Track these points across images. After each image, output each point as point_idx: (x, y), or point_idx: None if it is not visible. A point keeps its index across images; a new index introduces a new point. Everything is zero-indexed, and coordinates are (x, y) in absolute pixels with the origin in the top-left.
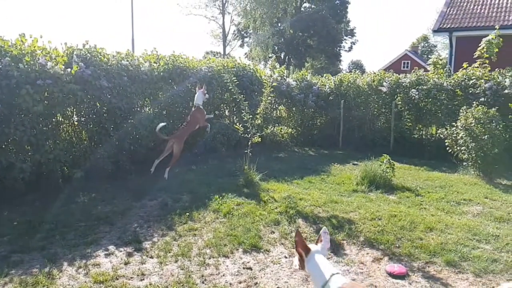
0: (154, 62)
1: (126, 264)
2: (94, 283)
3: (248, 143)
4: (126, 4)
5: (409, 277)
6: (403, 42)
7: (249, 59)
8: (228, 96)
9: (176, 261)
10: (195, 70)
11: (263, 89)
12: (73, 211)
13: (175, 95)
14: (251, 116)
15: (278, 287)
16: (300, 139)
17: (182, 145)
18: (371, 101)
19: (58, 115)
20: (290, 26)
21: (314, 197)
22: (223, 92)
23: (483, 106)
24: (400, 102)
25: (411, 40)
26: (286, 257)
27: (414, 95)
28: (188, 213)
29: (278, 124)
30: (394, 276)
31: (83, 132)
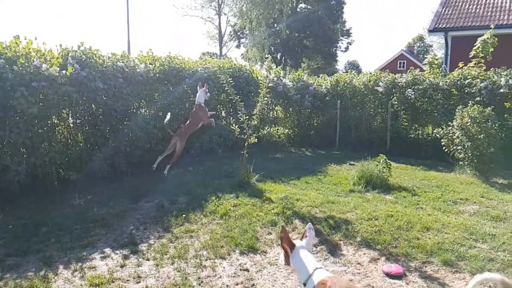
0: (150, 64)
1: (122, 266)
2: (90, 286)
3: (245, 144)
4: (121, 6)
5: (406, 277)
6: (399, 42)
7: (245, 60)
8: (224, 97)
9: (172, 263)
10: (191, 71)
11: (260, 90)
12: (68, 214)
13: (171, 96)
14: (247, 117)
15: None
16: (297, 140)
17: (185, 142)
18: (367, 101)
19: (53, 117)
20: (286, 26)
21: (311, 197)
22: (219, 93)
23: (478, 105)
24: (396, 102)
25: (407, 40)
26: None
27: (410, 95)
28: (184, 215)
29: (274, 125)
30: (391, 277)
31: (79, 134)
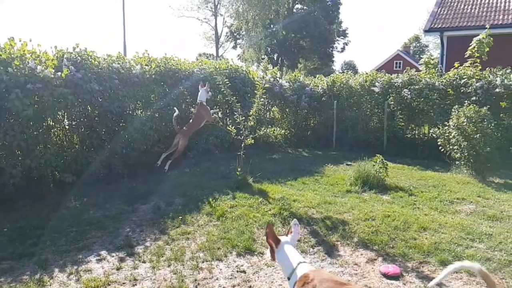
0: (146, 65)
1: (118, 269)
2: None
3: (241, 145)
4: (117, 8)
5: (403, 278)
6: (395, 42)
7: (242, 60)
8: (221, 98)
9: (169, 266)
10: (187, 72)
11: (256, 91)
12: (64, 216)
13: (168, 97)
14: (244, 118)
15: None
16: (294, 140)
17: (187, 141)
18: (363, 102)
19: (49, 119)
20: (283, 27)
21: (308, 198)
22: (215, 94)
23: (474, 105)
24: (392, 102)
25: (403, 40)
26: None
27: (407, 95)
28: (181, 217)
29: (271, 126)
30: (389, 277)
31: (75, 136)
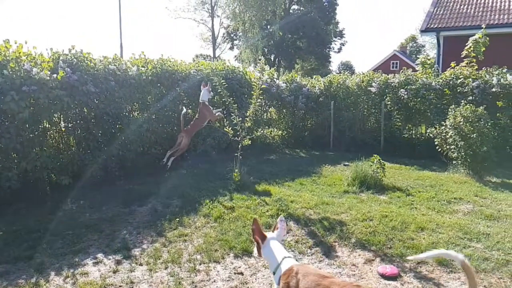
0: (142, 66)
1: (115, 272)
2: None
3: (239, 146)
4: (113, 10)
5: (401, 278)
6: (391, 42)
7: (239, 61)
8: (218, 99)
9: (166, 268)
10: (184, 74)
11: (253, 92)
12: (60, 219)
13: (164, 99)
14: (241, 119)
15: None
16: (291, 141)
17: (190, 139)
18: (360, 102)
19: (45, 122)
20: (280, 28)
21: (305, 199)
22: (213, 95)
23: (471, 104)
24: (389, 102)
25: (399, 41)
26: None
27: (403, 95)
28: (178, 219)
29: (268, 126)
30: (386, 278)
31: (71, 138)
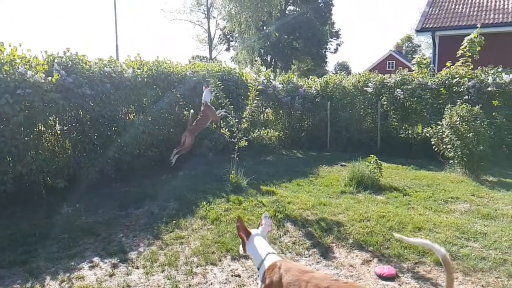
0: (138, 68)
1: (111, 276)
2: None
3: (235, 148)
4: (109, 12)
5: (399, 278)
6: (387, 42)
7: (235, 62)
8: (214, 100)
9: (162, 271)
10: (180, 76)
11: (249, 93)
12: (56, 223)
13: (160, 100)
14: (237, 120)
15: None
16: (288, 142)
17: (193, 138)
18: (357, 102)
19: (40, 125)
20: (276, 29)
21: (302, 200)
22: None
23: (467, 104)
24: (385, 102)
25: (395, 41)
26: None
27: (399, 95)
28: (174, 221)
29: (265, 127)
30: (384, 278)
31: (66, 141)
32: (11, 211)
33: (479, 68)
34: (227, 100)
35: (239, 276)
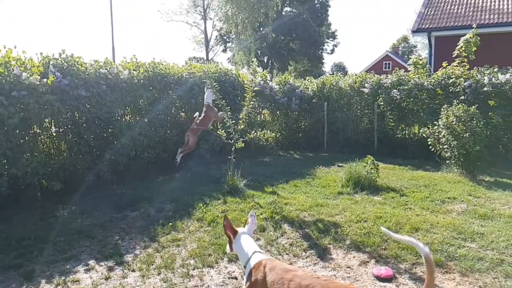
0: (134, 70)
1: (107, 279)
2: None
3: (232, 149)
4: (105, 13)
5: (396, 280)
6: (384, 43)
7: (232, 64)
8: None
9: (159, 274)
10: (177, 77)
11: (245, 94)
12: (52, 226)
13: (157, 102)
14: (234, 122)
15: None
16: (285, 143)
17: (196, 138)
18: (353, 103)
19: (35, 127)
20: (272, 30)
21: (299, 201)
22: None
23: (463, 104)
24: (382, 103)
25: (391, 41)
26: None
27: (396, 95)
28: (171, 223)
29: (262, 129)
30: (381, 279)
31: (62, 143)
32: (6, 214)
33: (475, 68)
34: (224, 101)
35: (235, 278)
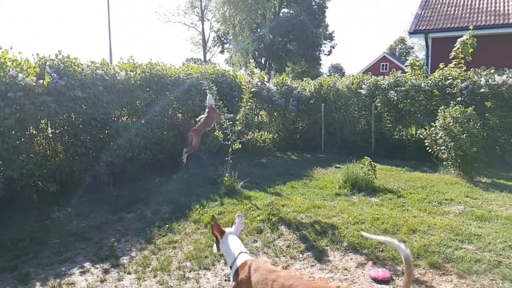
0: (131, 71)
1: (102, 281)
2: None
3: (229, 150)
4: (105, 14)
5: (394, 282)
6: (381, 44)
7: (229, 65)
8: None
9: (155, 276)
10: (174, 78)
11: (243, 95)
12: (47, 228)
13: (154, 103)
14: (231, 123)
15: None
16: (282, 144)
17: (200, 138)
18: (351, 104)
19: (31, 128)
20: (270, 31)
21: (297, 202)
22: (202, 99)
23: (460, 105)
24: (379, 104)
25: (389, 43)
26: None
27: (393, 96)
28: (167, 225)
29: (259, 130)
30: (379, 281)
31: (58, 144)
32: (1, 216)
33: (471, 69)
34: (221, 102)
35: None
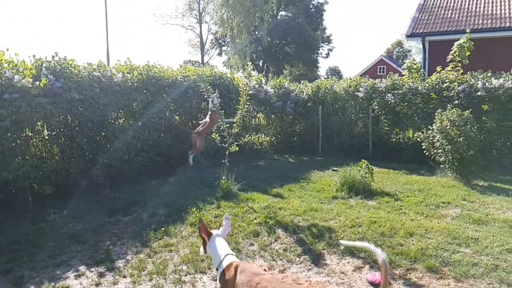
0: (128, 73)
1: (98, 285)
2: None
3: (226, 153)
4: (102, 16)
5: (391, 286)
6: (378, 47)
7: (227, 67)
8: (205, 105)
9: (150, 280)
10: (171, 80)
11: (240, 98)
12: (43, 230)
13: (151, 105)
14: (228, 125)
15: None
16: (280, 146)
17: (203, 140)
18: (348, 107)
19: (27, 130)
20: (267, 34)
21: (294, 205)
22: (200, 101)
23: (457, 108)
24: (376, 107)
25: (386, 46)
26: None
27: (390, 99)
28: (164, 228)
29: (256, 132)
30: (376, 285)
31: (54, 146)
32: None
33: (468, 73)
34: (218, 105)
35: None
